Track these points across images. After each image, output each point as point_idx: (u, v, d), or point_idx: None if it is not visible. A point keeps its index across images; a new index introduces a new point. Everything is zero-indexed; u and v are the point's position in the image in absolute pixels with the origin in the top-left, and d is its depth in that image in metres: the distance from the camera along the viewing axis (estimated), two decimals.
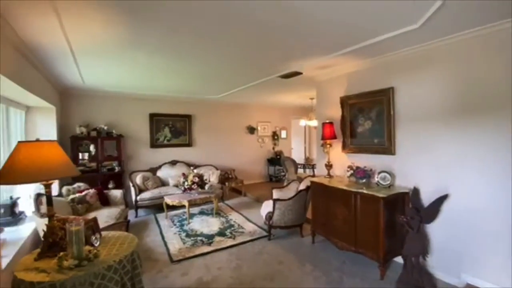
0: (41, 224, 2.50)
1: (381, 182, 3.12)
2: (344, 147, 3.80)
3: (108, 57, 3.15)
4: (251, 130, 7.57)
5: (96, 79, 4.33)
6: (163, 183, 5.75)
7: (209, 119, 6.85)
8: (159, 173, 5.84)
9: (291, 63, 3.56)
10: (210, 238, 3.88)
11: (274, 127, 8.18)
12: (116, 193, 4.49)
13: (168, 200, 4.63)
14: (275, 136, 8.09)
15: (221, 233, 4.06)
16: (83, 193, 3.96)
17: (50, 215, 1.89)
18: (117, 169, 5.36)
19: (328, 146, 3.82)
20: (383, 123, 3.32)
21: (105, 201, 4.31)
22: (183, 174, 4.80)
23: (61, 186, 3.98)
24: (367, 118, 3.51)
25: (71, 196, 3.79)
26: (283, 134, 8.40)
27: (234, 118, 7.32)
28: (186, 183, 4.65)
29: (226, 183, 6.17)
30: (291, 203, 3.74)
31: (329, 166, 3.74)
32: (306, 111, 8.82)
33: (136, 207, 4.99)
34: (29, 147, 1.76)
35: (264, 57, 3.26)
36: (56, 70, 3.80)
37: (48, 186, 1.88)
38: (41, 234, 2.08)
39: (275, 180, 7.78)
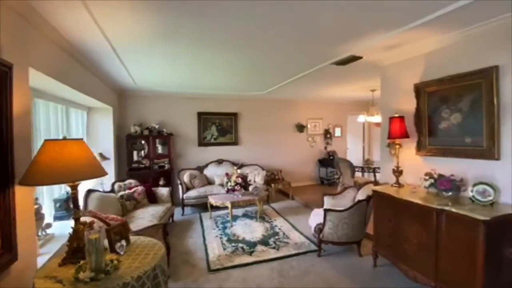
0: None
1: (478, 197, 2.26)
2: (419, 148, 2.98)
3: (148, 52, 3.07)
4: (300, 128, 6.99)
5: (144, 78, 4.43)
6: (209, 182, 5.69)
7: (255, 117, 6.55)
8: (206, 172, 5.80)
9: (348, 46, 2.92)
10: (251, 246, 3.54)
11: (327, 124, 7.41)
12: (163, 191, 4.54)
13: (212, 200, 4.49)
14: (327, 134, 7.33)
15: (264, 242, 3.68)
16: (132, 190, 4.07)
17: (76, 218, 1.78)
18: (167, 166, 5.50)
19: (396, 146, 3.05)
20: (480, 116, 2.43)
21: (153, 198, 4.39)
22: (227, 174, 4.59)
23: (114, 182, 4.18)
24: (455, 109, 2.64)
25: (121, 193, 3.92)
26: (337, 132, 7.56)
27: (282, 116, 6.86)
28: (229, 184, 4.42)
29: (272, 185, 5.77)
30: (346, 216, 3.11)
31: (398, 172, 2.97)
32: (365, 105, 7.78)
33: (183, 205, 5.00)
34: (54, 146, 1.65)
35: (315, 40, 2.73)
36: (110, 73, 3.99)
37: (74, 188, 1.77)
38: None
39: (327, 184, 7.04)
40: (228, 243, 3.66)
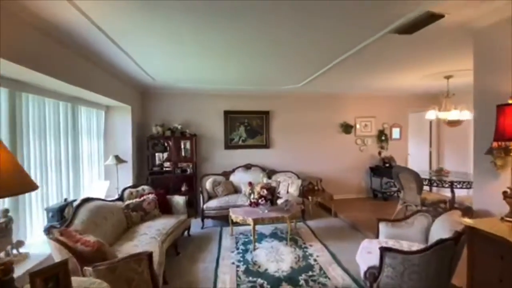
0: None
1: None
2: None
3: (150, 36, 2.49)
4: (347, 128, 5.78)
5: (159, 72, 3.94)
6: (235, 190, 4.96)
7: (289, 115, 5.61)
8: (232, 178, 5.09)
9: None
10: (274, 284, 2.64)
11: (381, 124, 6.02)
12: (179, 200, 3.95)
13: (232, 215, 3.72)
14: (382, 136, 5.94)
15: (291, 279, 2.74)
16: (141, 198, 3.56)
17: None
18: (189, 171, 4.96)
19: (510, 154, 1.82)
20: None
21: (167, 208, 3.83)
22: (250, 183, 3.77)
23: (124, 189, 3.74)
24: None
25: (127, 202, 3.43)
26: (395, 133, 6.10)
27: (323, 114, 5.76)
28: (252, 196, 3.59)
29: (310, 197, 4.74)
30: (418, 261, 1.98)
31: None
32: (433, 99, 6.16)
33: (203, 216, 4.35)
34: None
35: None
36: (121, 68, 3.60)
37: None
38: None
39: (382, 198, 5.66)
40: (245, 275, 2.83)
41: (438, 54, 3.23)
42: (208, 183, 4.71)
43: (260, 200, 3.51)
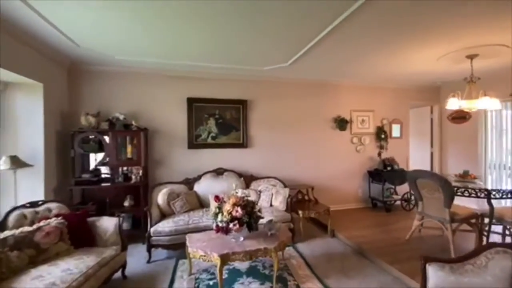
0: None
1: None
2: None
3: None
4: (341, 123, 4.75)
5: (84, 34, 2.62)
6: (201, 204, 3.68)
7: (273, 107, 4.46)
8: (198, 188, 3.79)
9: None
10: None
11: (380, 119, 5.08)
12: (108, 224, 2.59)
13: (190, 247, 2.43)
14: (381, 133, 4.99)
15: None
16: (34, 226, 2.17)
17: None
18: (135, 179, 3.59)
19: None
20: None
21: (88, 238, 2.47)
22: (217, 198, 2.50)
23: (10, 211, 2.32)
24: None
25: (7, 233, 2.03)
26: (395, 130, 5.18)
27: (313, 105, 4.68)
28: (219, 218, 2.34)
29: (300, 212, 3.59)
30: None
31: None
32: (435, 92, 5.38)
33: (149, 245, 3.00)
34: None
35: None
36: (19, 23, 2.22)
37: None
38: None
39: (384, 208, 4.67)
40: None
41: (462, 21, 2.26)
42: (161, 196, 3.37)
43: (232, 224, 2.27)
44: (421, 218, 3.21)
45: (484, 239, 2.97)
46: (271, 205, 3.59)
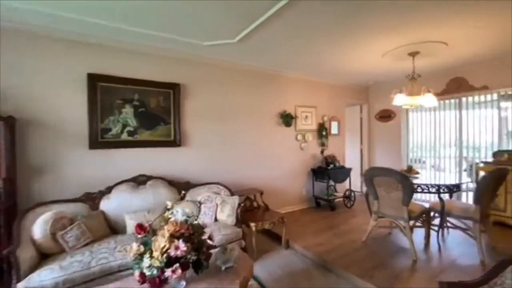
0: None
1: None
2: None
3: None
4: (287, 119, 4.35)
5: None
6: (113, 229, 2.54)
7: (215, 95, 3.65)
8: (107, 205, 2.61)
9: None
10: None
11: (322, 116, 4.97)
12: None
13: None
14: (322, 130, 4.88)
15: None
16: None
17: None
18: None
19: None
20: None
21: None
22: (139, 227, 1.54)
23: None
24: None
25: None
26: (334, 128, 5.19)
27: (259, 97, 4.11)
28: (146, 264, 1.41)
29: (252, 224, 2.91)
30: None
31: None
32: (364, 93, 5.68)
33: None
34: None
35: None
36: None
37: None
38: None
39: (328, 206, 4.54)
40: None
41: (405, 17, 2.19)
42: (39, 226, 2.08)
43: (169, 271, 1.38)
44: (377, 218, 3.06)
45: (434, 234, 3.05)
46: (215, 219, 2.79)
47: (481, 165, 3.81)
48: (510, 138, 4.00)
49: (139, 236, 1.51)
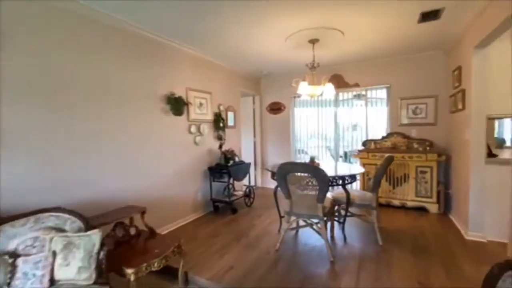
0: None
1: None
2: None
3: None
4: (177, 105, 3.30)
5: None
6: None
7: (59, 58, 2.10)
8: None
9: None
10: None
11: (217, 104, 4.24)
12: None
13: None
14: (219, 121, 4.17)
15: None
16: None
17: None
18: None
19: None
20: None
21: None
22: None
23: None
24: None
25: None
26: (230, 119, 4.60)
27: (136, 72, 2.84)
28: None
29: (129, 271, 1.78)
30: None
31: None
32: (257, 83, 5.48)
33: None
34: None
35: None
36: None
37: None
38: None
39: (226, 209, 3.91)
40: None
41: None
42: None
43: None
44: (289, 220, 2.69)
45: (337, 225, 3.02)
46: (52, 283, 1.48)
47: (357, 153, 4.32)
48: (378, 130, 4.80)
49: None
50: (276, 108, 5.49)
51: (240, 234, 3.07)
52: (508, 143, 3.14)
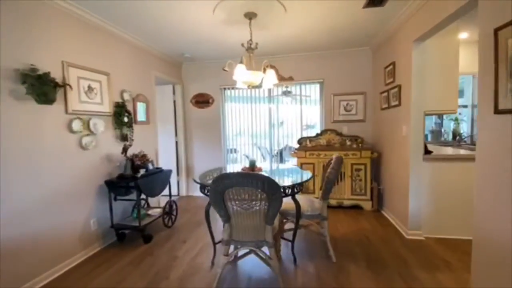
0: None
1: None
2: None
3: None
4: (41, 85, 2.02)
5: None
6: None
7: None
8: None
9: None
10: None
11: (120, 92, 3.05)
12: None
13: None
14: (123, 115, 3.00)
15: None
16: None
17: None
18: None
19: None
20: None
21: None
22: None
23: None
24: None
25: None
26: (141, 112, 3.46)
27: None
28: None
29: None
30: None
31: None
32: (178, 69, 4.53)
33: None
34: None
35: None
36: None
37: None
38: None
39: (136, 236, 2.85)
40: None
41: None
42: None
43: None
44: (228, 251, 1.96)
45: (284, 243, 2.46)
46: None
47: (293, 152, 3.96)
48: (309, 128, 4.59)
49: None
50: (202, 101, 4.63)
51: (158, 277, 2.13)
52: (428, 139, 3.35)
